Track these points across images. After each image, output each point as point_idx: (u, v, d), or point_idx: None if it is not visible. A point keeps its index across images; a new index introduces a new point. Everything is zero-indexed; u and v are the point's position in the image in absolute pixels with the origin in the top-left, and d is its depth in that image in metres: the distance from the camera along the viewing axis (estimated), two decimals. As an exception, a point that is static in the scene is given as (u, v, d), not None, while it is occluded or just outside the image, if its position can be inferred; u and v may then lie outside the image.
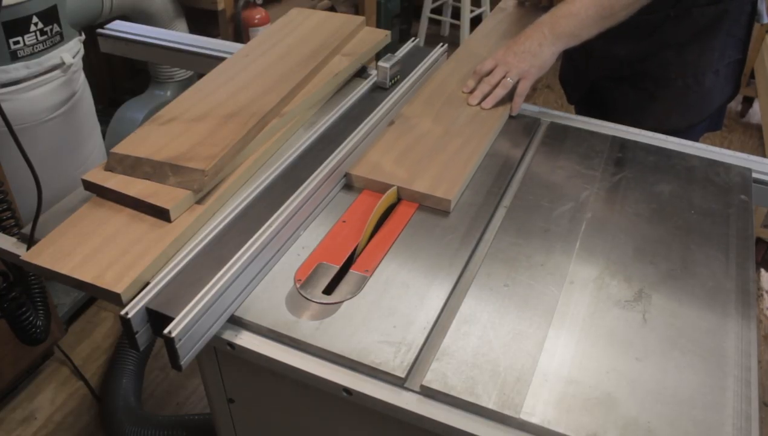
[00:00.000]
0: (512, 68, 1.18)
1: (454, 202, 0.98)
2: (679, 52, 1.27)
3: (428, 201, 0.98)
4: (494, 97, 1.18)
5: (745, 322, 0.81)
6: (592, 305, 0.83)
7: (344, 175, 1.03)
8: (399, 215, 0.97)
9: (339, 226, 0.96)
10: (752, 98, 3.29)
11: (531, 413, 0.70)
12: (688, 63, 1.29)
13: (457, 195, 0.99)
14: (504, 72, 1.19)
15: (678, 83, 1.30)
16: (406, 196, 1.00)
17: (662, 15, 1.24)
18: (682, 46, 1.27)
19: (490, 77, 1.20)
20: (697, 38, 1.26)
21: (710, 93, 1.32)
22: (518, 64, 1.18)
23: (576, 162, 1.10)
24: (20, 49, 1.64)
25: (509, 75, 1.18)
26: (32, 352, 1.82)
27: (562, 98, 1.76)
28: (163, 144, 0.98)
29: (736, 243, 0.93)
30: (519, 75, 1.18)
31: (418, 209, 0.98)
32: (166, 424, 1.62)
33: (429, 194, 0.98)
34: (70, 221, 0.90)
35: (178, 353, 0.73)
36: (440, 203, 0.98)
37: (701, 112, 1.35)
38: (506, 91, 1.19)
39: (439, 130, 1.13)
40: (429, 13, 3.68)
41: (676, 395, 0.72)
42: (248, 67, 1.19)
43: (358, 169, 1.04)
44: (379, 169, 1.03)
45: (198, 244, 0.86)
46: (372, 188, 1.02)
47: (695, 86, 1.31)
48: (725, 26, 1.26)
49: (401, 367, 0.74)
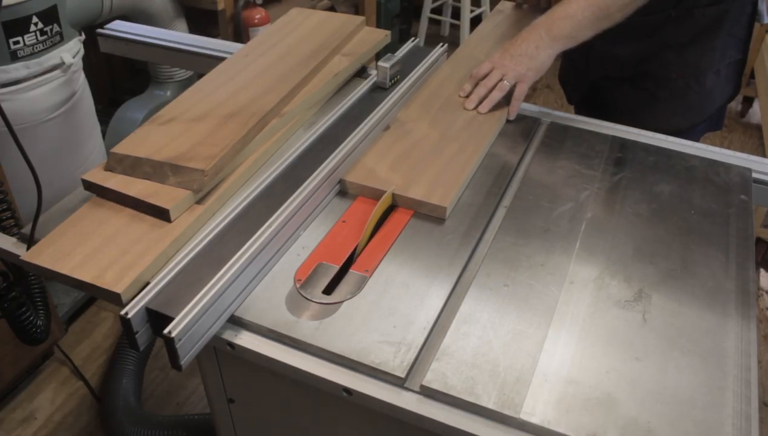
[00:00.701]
0: (509, 71, 1.17)
1: (450, 209, 0.97)
2: (680, 53, 1.27)
3: (424, 208, 0.97)
4: (490, 100, 1.18)
5: (745, 322, 0.81)
6: (592, 305, 0.83)
7: (338, 182, 1.02)
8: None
9: (339, 226, 0.96)
10: (752, 98, 3.29)
11: (531, 413, 0.70)
12: (689, 63, 1.29)
13: (453, 202, 0.98)
14: (500, 75, 1.18)
15: (679, 84, 1.30)
16: (402, 203, 0.99)
17: (663, 15, 1.24)
18: (683, 47, 1.27)
19: (486, 80, 1.19)
20: (698, 39, 1.26)
21: (711, 93, 1.32)
22: (515, 67, 1.17)
23: (576, 162, 1.10)
24: (20, 49, 1.64)
25: (506, 78, 1.17)
26: (32, 352, 1.82)
27: (562, 98, 1.76)
28: (163, 144, 0.98)
29: (736, 243, 0.93)
30: (516, 78, 1.17)
31: (414, 215, 0.98)
32: (166, 424, 1.62)
33: (424, 201, 0.97)
34: (70, 221, 0.90)
35: (178, 353, 0.73)
36: (436, 210, 0.97)
37: (702, 113, 1.35)
38: (503, 95, 1.18)
39: (435, 135, 1.12)
40: (429, 13, 3.68)
41: (676, 395, 0.72)
42: (248, 67, 1.19)
43: (352, 176, 1.02)
44: (373, 176, 1.02)
45: (198, 244, 0.86)
46: (366, 195, 1.01)
47: (696, 86, 1.30)
48: (726, 26, 1.26)
49: (401, 367, 0.74)
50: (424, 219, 0.97)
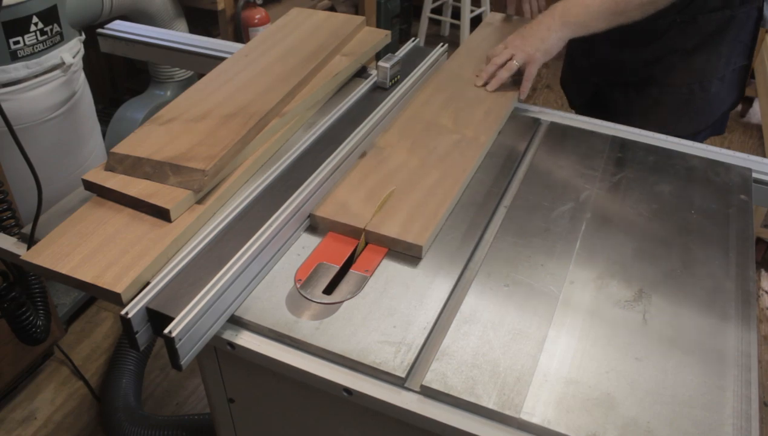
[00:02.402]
0: (518, 51, 1.19)
1: (427, 248, 0.90)
2: (685, 59, 1.27)
3: (398, 246, 0.90)
4: (498, 79, 1.19)
5: (745, 322, 0.81)
6: (592, 305, 0.83)
7: (308, 216, 0.95)
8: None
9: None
10: (752, 98, 3.29)
11: (531, 413, 0.70)
12: (694, 69, 1.28)
13: (430, 239, 0.91)
14: (510, 54, 1.20)
15: (683, 90, 1.30)
16: (373, 240, 0.91)
17: (668, 21, 1.24)
18: (689, 53, 1.27)
19: (496, 58, 1.21)
20: (703, 44, 1.26)
21: (715, 99, 1.32)
22: (524, 48, 1.19)
23: (576, 162, 1.10)
24: (20, 49, 1.64)
25: (515, 58, 1.19)
26: (32, 352, 1.82)
27: (563, 98, 1.75)
28: (163, 144, 0.98)
29: (736, 243, 0.93)
30: (525, 59, 1.19)
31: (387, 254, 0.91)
32: (166, 424, 1.62)
33: (398, 239, 0.89)
34: (70, 221, 0.90)
35: (178, 352, 0.73)
36: (411, 249, 0.89)
37: (707, 119, 1.34)
38: (510, 74, 1.19)
39: (414, 163, 1.04)
40: (429, 13, 3.67)
41: (676, 395, 0.72)
42: (248, 67, 1.19)
43: (323, 210, 0.95)
44: (345, 210, 0.94)
45: (198, 244, 0.86)
46: (338, 231, 0.93)
47: (701, 93, 1.30)
48: (732, 32, 1.26)
49: (401, 367, 0.74)
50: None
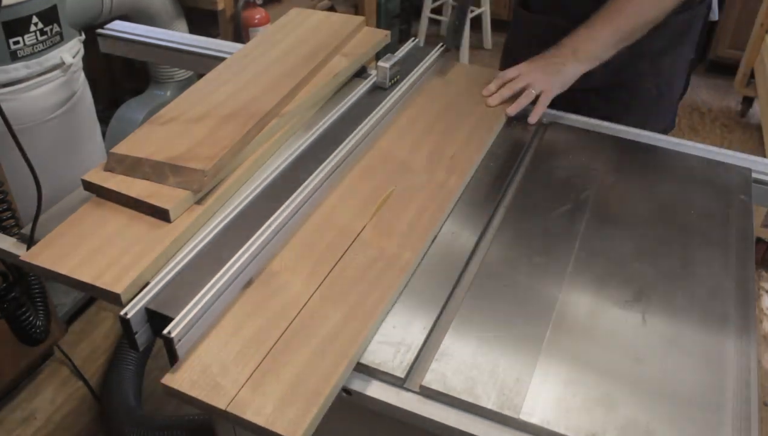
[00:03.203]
0: (535, 82, 1.18)
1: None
2: (654, 61, 1.29)
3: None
4: (518, 105, 1.18)
5: (745, 322, 0.81)
6: (592, 305, 0.83)
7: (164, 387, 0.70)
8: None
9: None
10: (752, 98, 3.29)
11: (531, 414, 0.70)
12: (661, 71, 1.31)
13: (309, 430, 0.66)
14: (526, 83, 1.19)
15: (652, 92, 1.32)
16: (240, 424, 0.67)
17: None
18: (657, 55, 1.28)
19: (512, 83, 1.20)
20: (670, 46, 1.28)
21: (676, 96, 1.37)
22: (541, 78, 1.18)
23: (576, 162, 1.10)
24: (20, 49, 1.64)
25: (532, 87, 1.18)
26: (32, 352, 1.82)
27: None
28: (163, 144, 0.97)
29: (736, 243, 0.93)
30: (541, 89, 1.18)
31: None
32: (166, 424, 1.62)
33: (265, 428, 0.66)
34: (70, 221, 0.90)
35: (178, 353, 0.73)
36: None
37: (672, 118, 1.39)
38: (529, 101, 1.18)
39: (313, 296, 0.80)
40: (429, 13, 3.67)
41: (676, 395, 0.72)
42: (248, 67, 1.19)
43: (175, 380, 0.70)
44: (207, 376, 0.70)
45: (198, 244, 0.86)
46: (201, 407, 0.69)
47: (667, 93, 1.34)
48: (693, 31, 1.30)
49: (401, 367, 0.74)
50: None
